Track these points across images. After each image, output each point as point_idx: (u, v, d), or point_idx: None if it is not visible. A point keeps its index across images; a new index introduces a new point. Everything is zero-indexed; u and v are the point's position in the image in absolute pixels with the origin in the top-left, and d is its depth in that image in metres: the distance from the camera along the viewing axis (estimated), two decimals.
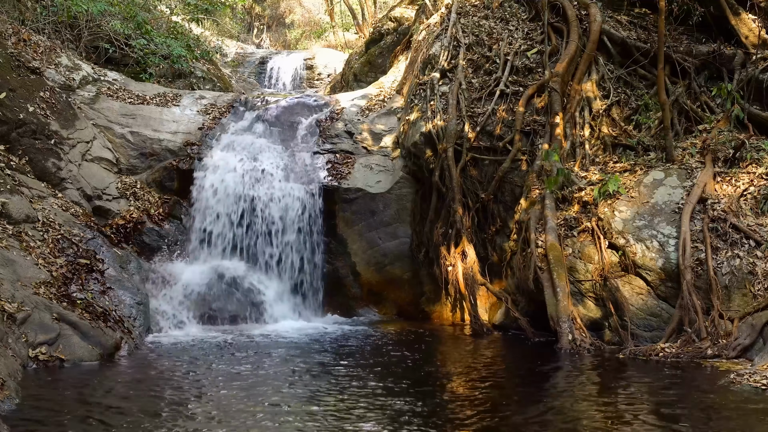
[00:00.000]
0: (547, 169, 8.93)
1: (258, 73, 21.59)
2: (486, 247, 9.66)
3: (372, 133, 11.09)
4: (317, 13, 31.51)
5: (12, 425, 4.54)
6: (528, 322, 8.41)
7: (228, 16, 25.64)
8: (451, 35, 11.09)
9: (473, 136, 9.77)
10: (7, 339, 5.78)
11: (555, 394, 5.96)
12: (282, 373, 6.51)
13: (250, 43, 29.80)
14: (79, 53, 12.52)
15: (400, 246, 10.27)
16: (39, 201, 8.34)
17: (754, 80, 9.35)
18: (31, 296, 6.55)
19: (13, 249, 7.12)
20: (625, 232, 7.84)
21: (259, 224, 10.06)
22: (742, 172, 8.27)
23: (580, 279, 7.91)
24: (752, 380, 5.64)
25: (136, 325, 7.75)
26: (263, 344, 7.99)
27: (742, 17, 10.07)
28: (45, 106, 9.46)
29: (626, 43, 10.28)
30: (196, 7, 17.66)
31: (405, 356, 7.38)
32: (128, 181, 10.06)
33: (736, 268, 7.22)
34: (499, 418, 5.07)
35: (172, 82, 14.18)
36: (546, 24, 10.88)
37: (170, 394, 5.62)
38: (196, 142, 10.74)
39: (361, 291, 10.31)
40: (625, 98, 9.97)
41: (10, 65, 9.44)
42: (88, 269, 7.72)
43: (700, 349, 6.76)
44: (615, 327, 7.53)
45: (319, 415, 5.06)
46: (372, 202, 10.27)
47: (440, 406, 5.42)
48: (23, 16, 12.09)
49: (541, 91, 9.97)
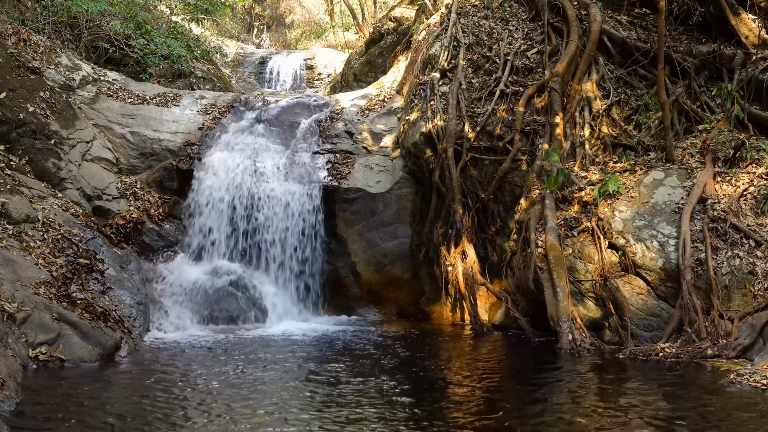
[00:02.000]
0: (547, 169, 8.93)
1: (258, 73, 21.60)
2: (486, 247, 9.66)
3: (372, 133, 11.09)
4: (317, 13, 31.53)
5: (12, 425, 4.54)
6: (528, 322, 8.41)
7: (228, 16, 25.65)
8: (451, 35, 11.09)
9: (473, 136, 9.77)
10: (7, 339, 5.78)
11: (555, 394, 5.96)
12: (282, 373, 6.51)
13: (250, 43, 29.81)
14: (79, 53, 12.52)
15: (400, 246, 10.27)
16: (39, 201, 8.34)
17: (754, 80, 9.35)
18: (31, 296, 6.55)
19: (13, 249, 7.12)
20: (625, 232, 7.84)
21: (259, 224, 10.07)
22: (742, 172, 8.27)
23: (580, 279, 7.91)
24: (752, 380, 5.65)
25: (136, 325, 7.75)
26: (263, 344, 7.99)
27: (742, 17, 10.07)
28: (45, 106, 9.46)
29: (626, 43, 10.29)
30: (196, 7, 17.67)
31: (405, 356, 7.38)
32: (128, 181, 10.06)
33: (736, 268, 7.23)
34: (499, 418, 5.07)
35: (172, 82, 14.19)
36: (546, 24, 10.88)
37: (170, 394, 5.62)
38: (196, 142, 10.74)
39: (361, 291, 10.32)
40: (625, 98, 9.97)
41: (10, 65, 9.44)
42: (88, 269, 7.72)
43: (700, 349, 6.76)
44: (615, 327, 7.53)
45: (319, 416, 5.06)
46: (372, 202, 10.27)
47: (440, 406, 5.42)
48: (23, 16, 12.09)
49: (541, 91, 9.98)
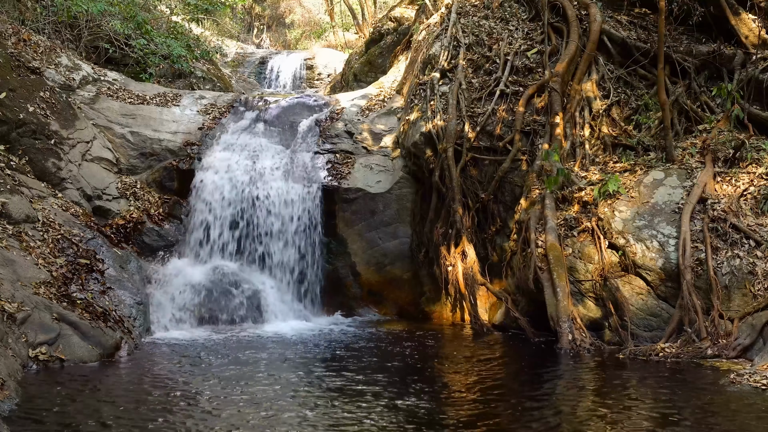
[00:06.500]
0: (547, 169, 8.93)
1: (258, 73, 21.60)
2: (486, 247, 9.66)
3: (372, 133, 11.09)
4: (317, 13, 31.53)
5: (12, 425, 4.54)
6: (528, 322, 8.41)
7: (228, 16, 25.65)
8: (451, 35, 11.09)
9: (473, 136, 9.78)
10: (7, 339, 5.78)
11: (555, 394, 5.95)
12: (282, 373, 6.51)
13: (250, 43, 29.81)
14: (79, 53, 12.52)
15: (400, 246, 10.27)
16: (39, 201, 8.34)
17: (754, 80, 9.35)
18: (31, 296, 6.55)
19: (13, 249, 7.12)
20: (625, 232, 7.84)
21: (259, 224, 10.07)
22: (742, 172, 8.27)
23: (580, 279, 7.91)
24: (752, 380, 5.65)
25: (136, 325, 7.75)
26: (263, 344, 7.98)
27: (742, 17, 10.07)
28: (45, 106, 9.45)
29: (626, 43, 10.28)
30: (196, 7, 17.66)
31: (405, 356, 7.38)
32: (128, 181, 10.06)
33: (736, 268, 7.23)
34: (499, 419, 5.07)
35: (172, 82, 14.19)
36: (546, 24, 10.88)
37: (170, 394, 5.62)
38: (196, 142, 10.74)
39: (361, 291, 10.31)
40: (625, 98, 9.97)
41: (10, 65, 9.44)
42: (88, 269, 7.72)
43: (700, 349, 6.76)
44: (615, 327, 7.52)
45: (319, 415, 5.06)
46: (372, 202, 10.27)
47: (440, 406, 5.42)
48: (23, 16, 12.09)
49: (541, 91, 9.98)
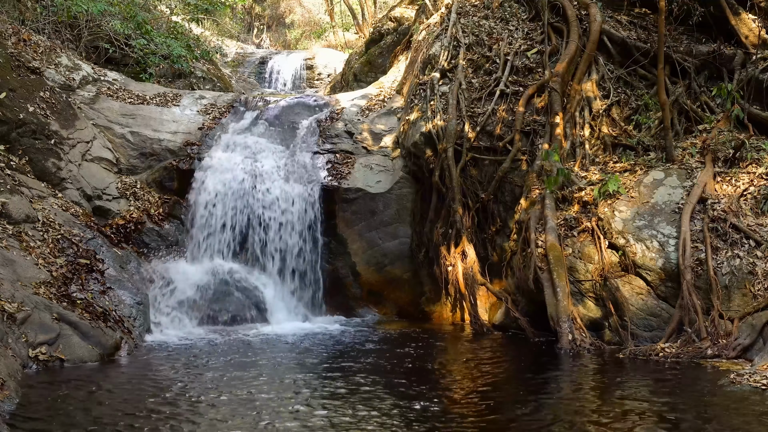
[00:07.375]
0: (547, 169, 8.93)
1: (258, 73, 21.60)
2: (486, 247, 9.66)
3: (372, 133, 11.09)
4: (317, 13, 31.53)
5: (12, 425, 4.54)
6: (528, 322, 8.41)
7: (228, 16, 25.64)
8: (451, 35, 11.09)
9: (473, 136, 9.78)
10: (7, 339, 5.78)
11: (555, 394, 5.96)
12: (281, 373, 6.51)
13: (250, 43, 29.81)
14: (79, 53, 12.52)
15: (400, 246, 10.27)
16: (39, 201, 8.34)
17: (754, 80, 9.35)
18: (31, 296, 6.55)
19: (13, 249, 7.12)
20: (625, 232, 7.84)
21: (259, 224, 10.06)
22: (742, 172, 8.27)
23: (580, 279, 7.91)
24: (752, 380, 5.64)
25: (136, 325, 7.75)
26: (263, 344, 7.99)
27: (742, 17, 10.07)
28: (45, 106, 9.45)
29: (626, 43, 10.28)
30: (196, 7, 17.67)
31: (405, 356, 7.37)
32: (128, 181, 10.06)
33: (736, 268, 7.22)
34: (498, 418, 5.07)
35: (172, 82, 14.19)
36: (546, 24, 10.89)
37: (170, 394, 5.62)
38: (196, 142, 10.74)
39: (361, 291, 10.31)
40: (625, 98, 9.97)
41: (10, 65, 9.44)
42: (88, 269, 7.72)
43: (700, 349, 6.76)
44: (615, 327, 7.53)
45: (319, 415, 5.06)
46: (372, 202, 10.27)
47: (440, 406, 5.42)
48: (23, 16, 12.09)
49: (541, 91, 9.98)
